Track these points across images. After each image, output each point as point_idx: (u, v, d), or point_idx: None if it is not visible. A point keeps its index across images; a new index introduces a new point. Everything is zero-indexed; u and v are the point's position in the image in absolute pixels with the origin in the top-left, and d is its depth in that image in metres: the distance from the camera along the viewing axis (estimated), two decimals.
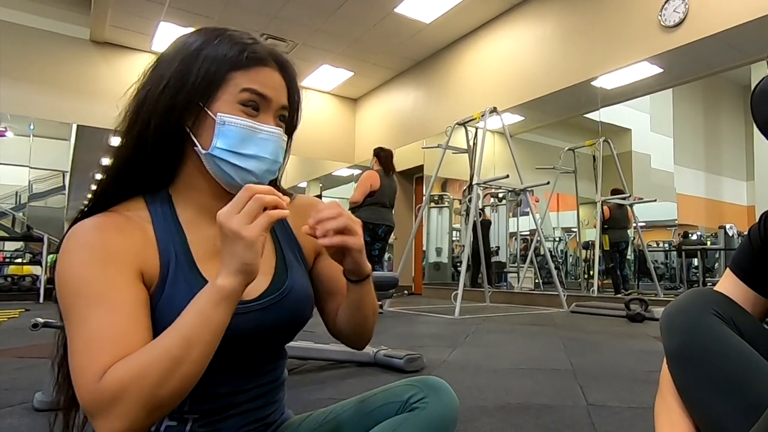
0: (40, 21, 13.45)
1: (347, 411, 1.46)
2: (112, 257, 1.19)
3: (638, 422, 2.89)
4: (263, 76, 1.36)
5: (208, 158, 1.32)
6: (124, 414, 1.04)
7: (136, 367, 1.06)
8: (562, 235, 15.53)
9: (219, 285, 1.12)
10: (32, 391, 3.26)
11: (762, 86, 1.33)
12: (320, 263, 1.61)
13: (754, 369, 1.32)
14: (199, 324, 1.11)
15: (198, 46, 1.35)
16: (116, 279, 1.17)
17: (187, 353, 1.09)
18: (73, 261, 1.17)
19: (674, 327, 1.47)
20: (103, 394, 1.04)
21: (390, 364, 4.35)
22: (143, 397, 1.05)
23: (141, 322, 1.16)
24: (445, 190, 16.04)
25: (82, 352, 1.09)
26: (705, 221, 13.31)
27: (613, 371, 4.33)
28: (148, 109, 1.32)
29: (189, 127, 1.33)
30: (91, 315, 1.12)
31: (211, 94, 1.31)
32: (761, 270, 1.55)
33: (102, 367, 1.06)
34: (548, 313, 9.83)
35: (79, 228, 1.22)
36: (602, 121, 11.69)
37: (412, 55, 15.30)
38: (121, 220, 1.27)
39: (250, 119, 1.32)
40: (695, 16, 8.88)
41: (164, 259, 1.28)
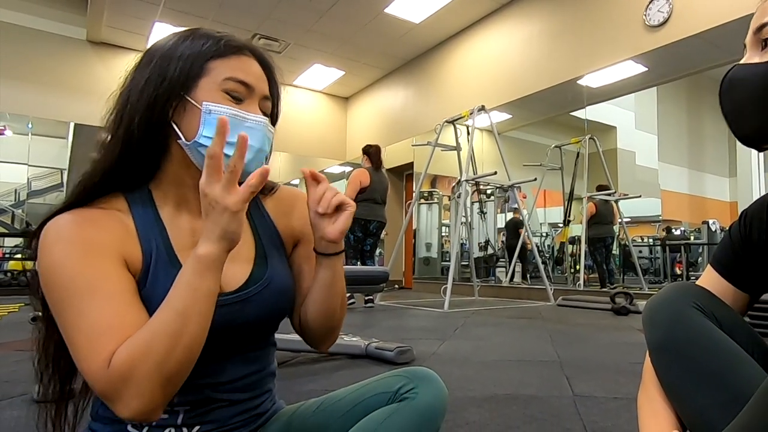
0: (38, 22, 13.46)
1: (339, 401, 1.46)
2: (94, 248, 1.19)
3: (623, 412, 2.90)
4: (243, 65, 1.36)
5: (193, 148, 1.29)
6: (138, 392, 1.06)
7: (138, 347, 1.07)
8: (549, 231, 15.56)
9: (201, 254, 1.13)
10: (32, 383, 3.24)
11: (731, 74, 1.33)
12: (296, 252, 1.59)
13: (735, 361, 1.32)
14: (189, 296, 1.12)
15: (174, 42, 1.36)
16: (103, 268, 1.17)
17: (184, 325, 1.10)
18: (56, 257, 1.16)
19: (656, 320, 1.47)
20: (114, 378, 1.06)
21: (381, 356, 4.35)
22: (151, 373, 1.07)
23: (136, 306, 1.18)
24: (434, 187, 16.05)
25: (86, 343, 1.10)
26: (688, 217, 13.34)
27: (599, 363, 4.34)
28: (131, 107, 1.31)
29: (173, 120, 1.31)
30: (87, 307, 1.12)
31: (192, 83, 1.30)
32: (741, 266, 1.55)
33: (108, 354, 1.07)
34: (535, 306, 9.83)
35: (54, 224, 1.21)
36: (588, 119, 11.70)
37: (401, 54, 15.32)
38: (97, 214, 1.27)
39: (235, 107, 1.31)
40: (679, 16, 8.90)
41: (146, 252, 1.28)
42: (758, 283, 1.54)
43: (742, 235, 1.55)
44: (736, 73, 1.32)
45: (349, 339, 4.59)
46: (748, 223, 1.54)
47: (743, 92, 1.30)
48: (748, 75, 1.28)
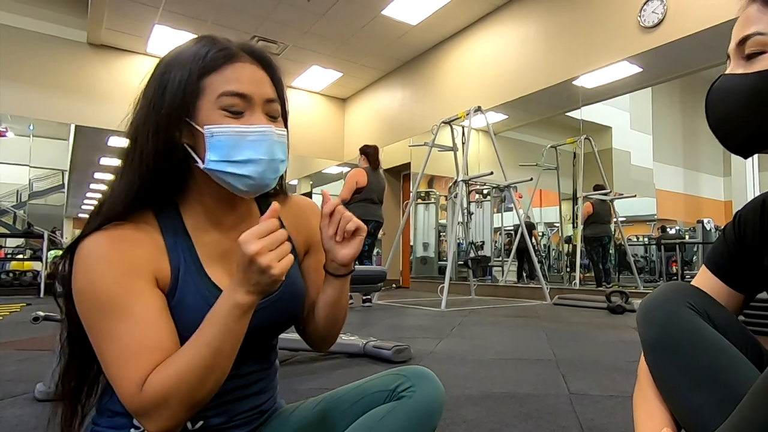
0: (39, 24, 13.46)
1: (337, 399, 1.48)
2: (131, 268, 1.21)
3: (618, 410, 2.90)
4: (238, 73, 1.30)
5: (208, 172, 1.29)
6: (169, 416, 1.13)
7: (173, 378, 1.12)
8: (544, 230, 15.56)
9: (240, 302, 1.16)
10: (33, 382, 3.28)
11: (718, 84, 1.34)
12: (306, 261, 1.62)
13: (728, 360, 1.32)
14: (224, 336, 1.16)
15: (168, 61, 1.33)
16: (138, 289, 1.20)
17: (217, 362, 1.16)
18: (94, 276, 1.18)
19: (650, 319, 1.47)
20: (147, 402, 1.11)
21: (379, 355, 4.36)
22: (183, 401, 1.13)
23: (166, 327, 1.21)
24: (431, 187, 16.05)
25: (119, 364, 1.14)
26: (683, 216, 13.36)
27: (595, 361, 4.35)
28: (142, 132, 1.29)
29: (186, 143, 1.30)
30: (120, 328, 1.16)
31: (191, 106, 1.27)
32: (735, 266, 1.56)
33: (141, 376, 1.12)
34: (532, 305, 9.83)
35: (92, 242, 1.22)
36: (583, 119, 11.70)
37: (399, 56, 15.31)
38: (131, 231, 1.27)
39: (237, 123, 1.28)
40: (673, 17, 8.91)
41: (174, 266, 1.30)
42: (752, 283, 1.55)
43: (737, 236, 1.55)
44: (722, 84, 1.33)
45: (347, 338, 4.59)
46: (743, 224, 1.54)
47: (729, 104, 1.30)
48: (734, 86, 1.29)
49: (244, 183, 1.29)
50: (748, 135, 1.29)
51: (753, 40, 1.26)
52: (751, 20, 1.28)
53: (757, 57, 1.25)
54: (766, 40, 1.24)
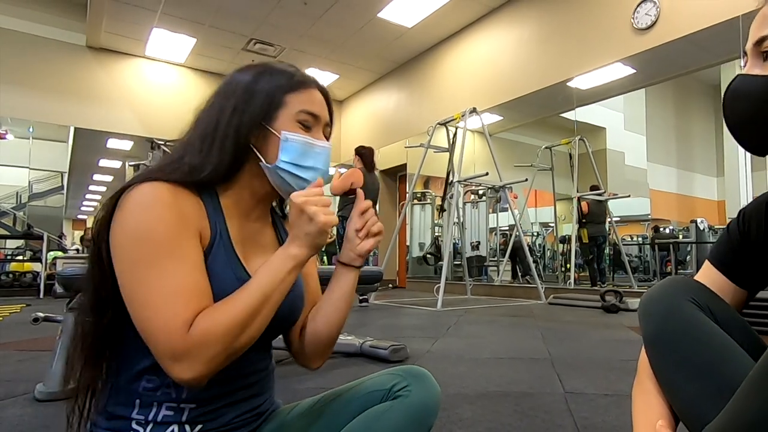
0: (39, 28, 13.50)
1: (334, 399, 1.49)
2: (185, 217, 1.29)
3: (613, 409, 2.91)
4: (312, 98, 1.51)
5: (273, 171, 1.45)
6: (209, 359, 1.15)
7: (223, 319, 1.17)
8: (540, 230, 15.57)
9: (295, 254, 1.31)
10: (34, 383, 3.29)
11: (735, 85, 1.33)
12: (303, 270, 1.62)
13: (727, 353, 1.32)
14: (276, 283, 1.26)
15: (255, 76, 1.49)
16: (189, 237, 1.28)
17: (264, 307, 1.24)
18: (150, 216, 1.23)
19: (651, 312, 1.48)
20: (194, 342, 1.14)
21: (375, 354, 4.36)
22: (227, 344, 1.17)
23: (206, 277, 1.27)
24: (427, 188, 16.04)
25: (166, 302, 1.16)
26: (677, 216, 13.38)
27: (589, 360, 4.35)
28: (222, 130, 1.43)
29: (254, 145, 1.45)
30: (173, 268, 1.20)
31: (273, 115, 1.45)
32: (739, 263, 1.56)
33: (189, 317, 1.16)
34: (527, 304, 9.84)
35: (147, 188, 1.27)
36: (578, 120, 11.71)
37: (394, 58, 15.33)
38: (182, 190, 1.34)
39: (307, 135, 1.47)
40: (666, 19, 8.92)
41: (213, 231, 1.37)
42: (756, 279, 1.56)
43: (741, 233, 1.56)
44: (739, 85, 1.32)
45: (344, 337, 4.59)
46: (747, 221, 1.55)
47: (747, 106, 1.30)
48: (752, 88, 1.29)
49: (300, 185, 1.45)
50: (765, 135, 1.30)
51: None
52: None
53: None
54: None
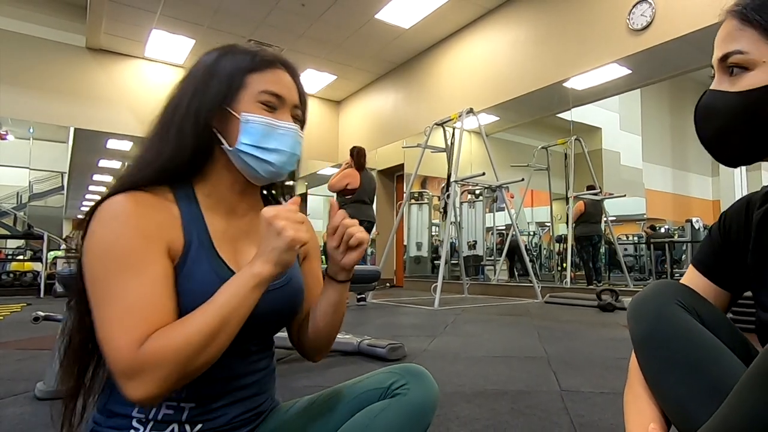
0: (39, 30, 13.52)
1: (333, 397, 1.49)
2: (148, 231, 1.24)
3: (609, 406, 2.91)
4: (276, 77, 1.46)
5: (235, 154, 1.41)
6: (161, 379, 1.10)
7: (177, 338, 1.12)
8: (536, 230, 15.58)
9: (257, 272, 1.21)
10: (34, 381, 3.29)
11: (704, 101, 1.35)
12: (302, 266, 1.65)
13: (715, 355, 1.33)
14: (236, 304, 1.18)
15: (216, 58, 1.46)
16: (152, 252, 1.23)
17: (223, 329, 1.17)
18: (113, 231, 1.21)
19: (640, 316, 1.48)
20: (144, 361, 1.09)
21: (373, 353, 4.36)
22: (180, 366, 1.11)
23: (171, 295, 1.22)
24: (424, 188, 16.03)
25: (121, 319, 1.13)
26: (672, 215, 13.40)
27: (585, 358, 4.36)
28: (181, 115, 1.40)
29: (216, 128, 1.42)
30: (130, 285, 1.16)
31: (233, 96, 1.41)
32: (722, 265, 1.57)
33: (142, 334, 1.11)
34: (523, 303, 9.85)
35: (115, 201, 1.26)
36: (574, 120, 11.72)
37: (392, 59, 15.34)
38: (151, 197, 1.32)
39: (269, 116, 1.42)
40: (662, 20, 8.93)
41: (187, 238, 1.34)
42: (738, 281, 1.56)
43: (722, 236, 1.56)
44: (708, 101, 1.35)
45: (342, 336, 4.59)
46: (728, 223, 1.56)
47: (717, 122, 1.33)
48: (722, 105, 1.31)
49: (265, 169, 1.43)
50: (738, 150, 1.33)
51: (734, 57, 1.28)
52: (732, 37, 1.29)
53: (740, 73, 1.27)
54: (746, 58, 1.25)
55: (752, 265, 1.46)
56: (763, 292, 1.42)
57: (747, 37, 1.26)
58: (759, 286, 1.44)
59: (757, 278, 1.45)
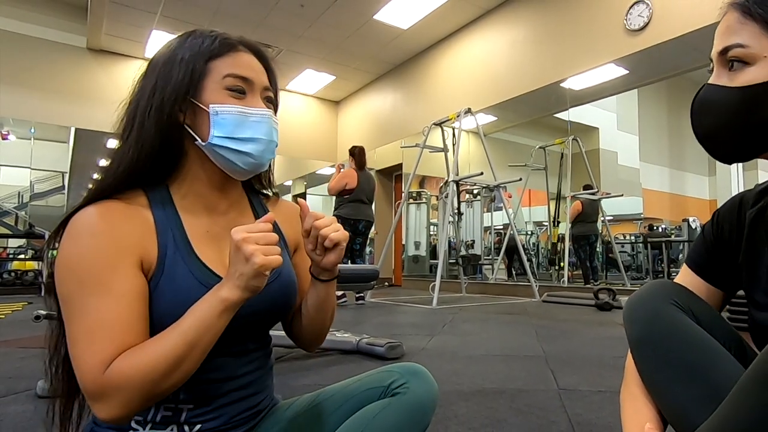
0: (40, 30, 13.54)
1: (332, 396, 1.48)
2: (117, 245, 1.20)
3: (606, 405, 2.92)
4: (241, 60, 1.39)
5: (209, 149, 1.34)
6: (125, 402, 1.08)
7: (141, 364, 1.09)
8: (533, 229, 15.58)
9: (224, 297, 1.16)
10: (35, 380, 3.30)
11: (702, 95, 1.34)
12: (295, 258, 1.64)
13: (712, 355, 1.33)
14: (203, 330, 1.14)
15: (175, 48, 1.39)
16: (120, 268, 1.19)
17: (189, 354, 1.13)
18: (80, 247, 1.18)
19: (635, 316, 1.48)
20: (108, 384, 1.08)
21: (372, 351, 4.36)
22: (145, 390, 1.09)
23: (140, 312, 1.18)
24: (422, 187, 16.03)
25: (86, 340, 1.11)
26: (669, 215, 13.37)
27: (583, 357, 4.36)
28: (141, 112, 1.34)
29: (186, 123, 1.36)
30: (93, 303, 1.14)
31: (197, 85, 1.34)
32: (715, 264, 1.57)
33: (107, 356, 1.09)
34: (521, 302, 9.87)
35: (83, 215, 1.23)
36: (571, 120, 11.71)
37: (390, 59, 15.35)
38: (121, 207, 1.28)
39: (239, 104, 1.35)
40: (659, 20, 8.94)
41: (162, 243, 1.30)
42: (731, 280, 1.56)
43: (715, 235, 1.56)
44: (706, 95, 1.33)
45: (341, 335, 4.59)
46: (720, 223, 1.56)
47: (714, 117, 1.32)
48: (719, 100, 1.30)
49: (244, 161, 1.36)
50: (734, 147, 1.31)
51: (734, 51, 1.26)
52: (732, 30, 1.27)
53: (740, 68, 1.26)
54: (747, 52, 1.24)
55: (745, 263, 1.46)
56: (756, 291, 1.42)
57: (748, 31, 1.24)
58: (752, 285, 1.44)
59: (750, 277, 1.45)
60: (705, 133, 1.35)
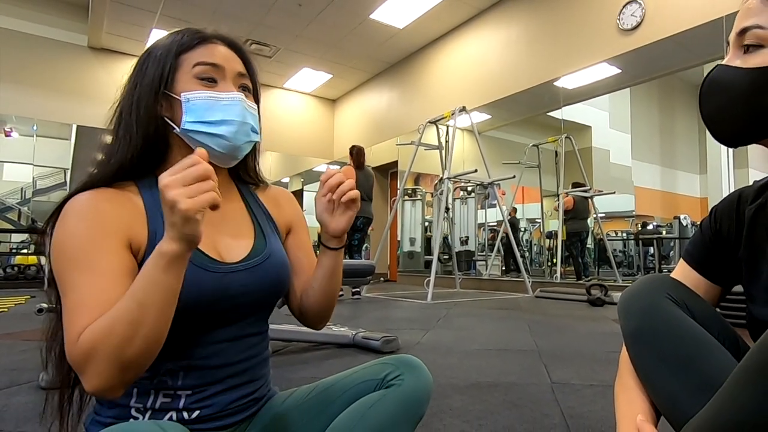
0: (42, 29, 13.61)
1: (329, 388, 1.49)
2: (104, 226, 1.22)
3: (599, 399, 2.92)
4: (209, 50, 1.42)
5: (184, 134, 1.37)
6: (98, 371, 1.07)
7: (101, 330, 1.08)
8: (527, 226, 15.59)
9: (163, 251, 1.10)
10: (38, 371, 3.30)
11: (713, 75, 1.33)
12: (288, 241, 1.66)
13: (705, 348, 1.33)
14: (149, 288, 1.10)
15: (151, 48, 1.45)
16: (106, 247, 1.20)
17: (143, 316, 1.09)
18: (68, 229, 1.20)
19: (630, 310, 1.48)
20: (79, 354, 1.08)
21: (367, 345, 4.37)
22: (110, 356, 1.07)
23: (124, 288, 1.16)
24: (418, 184, 16.04)
25: (70, 314, 1.12)
26: (660, 212, 13.40)
27: (575, 351, 4.37)
28: (126, 109, 1.40)
29: (165, 115, 1.39)
30: (79, 280, 1.15)
31: (170, 79, 1.38)
32: (712, 259, 1.57)
33: (81, 329, 1.09)
34: (514, 298, 9.86)
35: (75, 200, 1.25)
36: (564, 118, 11.71)
37: (386, 58, 15.37)
38: (113, 193, 1.31)
39: (210, 90, 1.38)
40: (651, 20, 8.95)
41: (152, 227, 1.30)
42: (729, 275, 1.55)
43: (713, 230, 1.56)
44: (718, 75, 1.31)
45: (338, 329, 4.60)
46: (719, 218, 1.55)
47: (723, 97, 1.30)
48: (729, 80, 1.28)
49: (218, 143, 1.37)
50: (739, 128, 1.30)
51: (752, 32, 1.25)
52: (752, 12, 1.26)
53: (755, 50, 1.25)
54: (764, 34, 1.23)
55: (744, 259, 1.46)
56: (754, 286, 1.42)
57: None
58: (750, 280, 1.44)
59: (749, 272, 1.45)
60: (711, 113, 1.34)
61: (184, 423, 1.29)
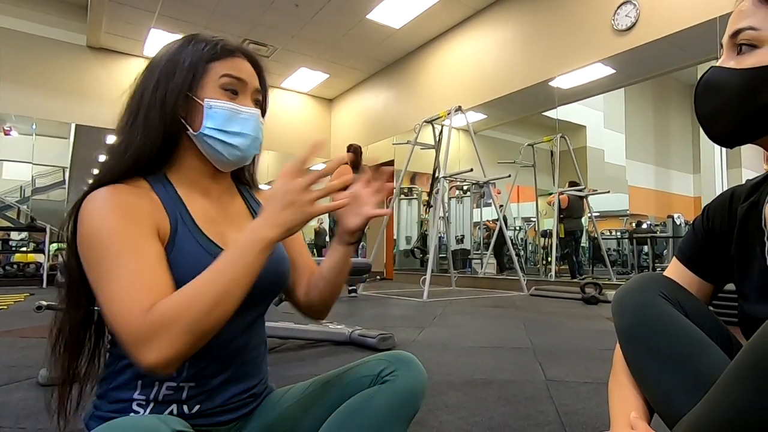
0: (41, 29, 13.60)
1: (325, 384, 1.51)
2: (133, 214, 1.25)
3: (593, 396, 2.92)
4: (237, 64, 1.47)
5: (200, 138, 1.42)
6: (171, 342, 1.08)
7: (184, 300, 1.11)
8: (522, 224, 15.59)
9: (263, 235, 1.19)
10: (37, 368, 3.30)
11: (708, 76, 1.33)
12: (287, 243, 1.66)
13: (698, 346, 1.33)
14: (242, 267, 1.17)
15: (179, 47, 1.46)
16: (140, 232, 1.23)
17: (230, 292, 1.15)
18: (98, 218, 1.21)
19: (624, 308, 1.48)
20: (152, 324, 1.08)
21: (364, 342, 4.37)
22: (190, 326, 1.09)
23: (166, 269, 1.21)
24: (414, 183, 16.06)
25: (124, 293, 1.12)
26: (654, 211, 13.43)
27: (570, 349, 4.37)
28: (146, 104, 1.40)
29: (182, 116, 1.42)
30: (125, 262, 1.16)
31: (196, 83, 1.41)
32: (705, 258, 1.57)
33: (147, 303, 1.10)
34: (509, 296, 9.86)
35: (98, 193, 1.26)
36: (559, 118, 11.71)
37: (383, 58, 15.35)
38: (130, 188, 1.33)
39: (232, 102, 1.43)
40: (646, 21, 8.95)
41: (173, 220, 1.35)
42: (721, 273, 1.56)
43: (706, 228, 1.56)
44: (712, 76, 1.32)
45: (334, 326, 4.60)
46: (711, 216, 1.56)
47: (718, 98, 1.30)
48: (724, 81, 1.28)
49: (231, 152, 1.44)
50: (734, 129, 1.30)
51: (745, 34, 1.25)
52: (745, 14, 1.27)
53: (748, 51, 1.25)
54: (757, 35, 1.23)
55: (736, 257, 1.46)
56: (746, 284, 1.42)
57: (761, 15, 1.24)
58: (742, 278, 1.44)
59: (741, 270, 1.45)
60: (706, 114, 1.34)
61: (184, 417, 1.29)
